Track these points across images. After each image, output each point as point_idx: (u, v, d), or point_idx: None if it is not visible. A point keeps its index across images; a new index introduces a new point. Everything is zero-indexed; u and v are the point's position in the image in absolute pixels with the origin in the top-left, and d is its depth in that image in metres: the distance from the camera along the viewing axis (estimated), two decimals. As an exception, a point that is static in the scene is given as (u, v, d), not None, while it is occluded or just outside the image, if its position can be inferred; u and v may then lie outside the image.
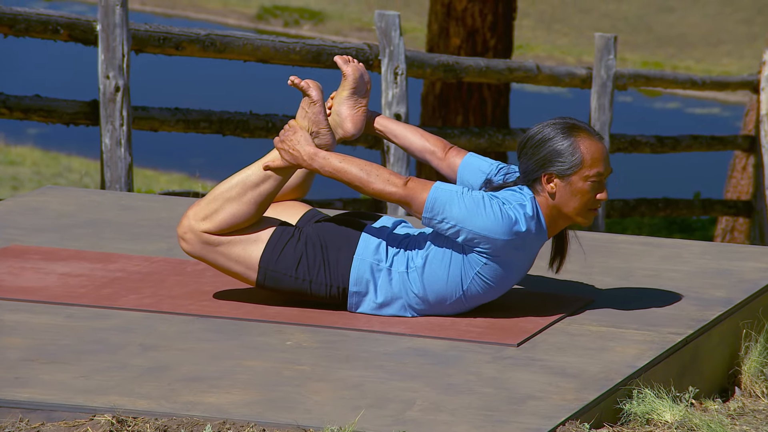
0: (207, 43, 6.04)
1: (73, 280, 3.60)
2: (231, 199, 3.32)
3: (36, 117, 5.74)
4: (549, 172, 3.27)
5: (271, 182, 3.34)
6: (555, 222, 3.32)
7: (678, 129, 11.35)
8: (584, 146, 3.26)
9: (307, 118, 3.36)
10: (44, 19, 5.62)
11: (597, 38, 7.76)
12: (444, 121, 10.11)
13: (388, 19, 6.63)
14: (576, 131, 3.28)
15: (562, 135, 3.27)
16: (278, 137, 3.35)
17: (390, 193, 3.26)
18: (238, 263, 3.36)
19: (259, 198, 3.33)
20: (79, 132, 6.49)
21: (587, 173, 3.26)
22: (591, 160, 3.26)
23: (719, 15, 24.37)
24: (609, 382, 2.99)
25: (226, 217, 3.32)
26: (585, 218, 3.30)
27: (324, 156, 3.30)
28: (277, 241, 3.34)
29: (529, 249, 3.29)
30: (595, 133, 3.30)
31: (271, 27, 23.82)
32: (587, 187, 3.27)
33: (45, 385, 2.89)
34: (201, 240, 3.35)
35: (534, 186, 3.30)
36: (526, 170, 3.30)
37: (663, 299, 3.56)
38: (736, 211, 9.30)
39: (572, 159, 3.25)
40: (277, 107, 7.89)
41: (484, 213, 3.22)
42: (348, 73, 3.50)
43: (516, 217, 3.24)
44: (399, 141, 3.56)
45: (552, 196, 3.27)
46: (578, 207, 3.28)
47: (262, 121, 6.39)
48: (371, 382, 2.96)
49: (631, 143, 8.16)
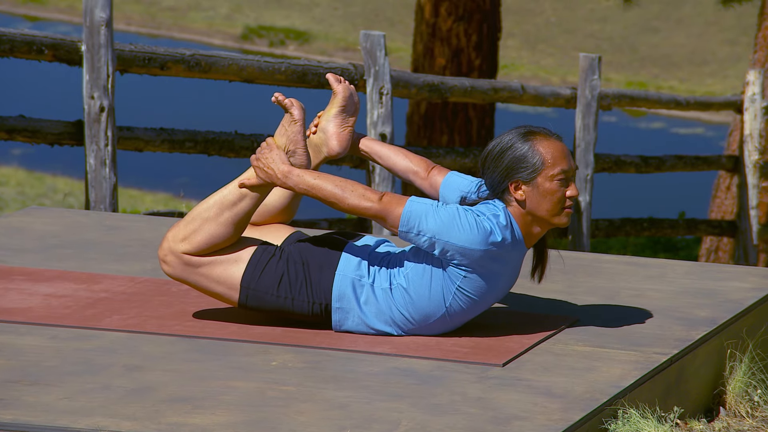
0: (192, 63, 6.04)
1: (57, 300, 3.59)
2: (208, 219, 3.32)
3: (20, 137, 5.73)
4: (514, 179, 3.29)
5: (247, 201, 3.34)
6: (531, 230, 3.33)
7: (662, 149, 11.39)
8: (543, 147, 3.29)
9: (285, 135, 3.37)
10: (29, 39, 5.62)
11: (581, 58, 7.78)
12: (429, 141, 10.12)
13: (374, 39, 6.64)
14: (532, 135, 3.31)
15: (519, 141, 3.30)
16: (254, 155, 3.35)
17: (365, 208, 3.26)
18: (219, 284, 3.35)
19: (236, 217, 3.33)
20: (63, 152, 6.48)
21: (551, 173, 3.29)
22: (552, 159, 3.29)
23: (703, 35, 24.48)
24: (594, 402, 2.99)
25: (204, 238, 3.32)
26: (560, 218, 3.32)
27: (298, 174, 3.31)
28: (258, 261, 3.34)
29: (508, 260, 3.29)
30: (551, 134, 3.33)
31: (256, 47, 23.84)
32: (555, 187, 3.29)
33: (29, 406, 2.88)
34: (182, 262, 3.34)
35: (504, 197, 3.32)
36: (493, 183, 3.32)
37: (648, 319, 3.56)
38: (720, 231, 9.33)
39: (534, 162, 3.28)
40: (263, 127, 7.89)
41: (460, 224, 3.23)
42: (338, 91, 3.52)
43: (491, 228, 3.25)
44: (383, 162, 3.58)
45: (522, 203, 3.30)
46: (551, 208, 3.30)
47: (247, 141, 6.39)
48: (357, 402, 2.95)
49: (615, 163, 8.18)
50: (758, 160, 9.09)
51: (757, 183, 9.12)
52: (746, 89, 9.09)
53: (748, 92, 9.07)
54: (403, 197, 3.29)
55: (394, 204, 3.26)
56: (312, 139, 3.55)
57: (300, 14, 25.57)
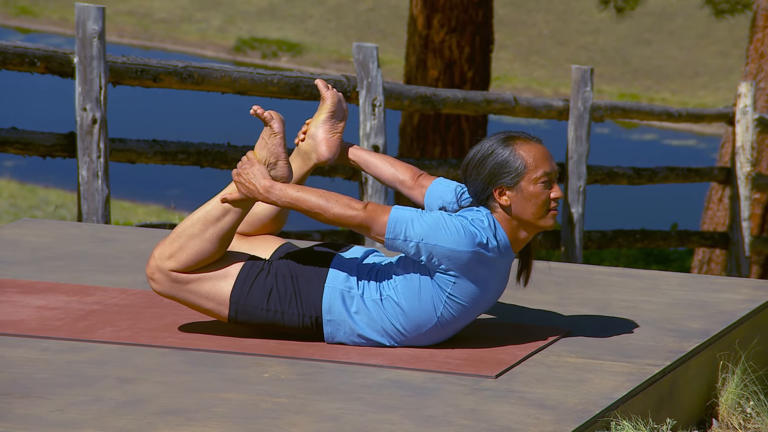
0: (185, 75, 6.04)
1: (49, 312, 3.58)
2: (193, 235, 3.33)
3: (12, 149, 5.73)
4: (498, 185, 3.30)
5: (231, 216, 3.34)
6: (517, 234, 3.33)
7: (654, 160, 11.41)
8: (524, 151, 3.30)
9: (266, 148, 3.37)
10: (21, 51, 5.62)
11: (574, 70, 7.80)
12: (422, 153, 10.13)
13: (366, 51, 6.65)
14: (512, 139, 3.32)
15: (500, 147, 3.30)
16: (236, 170, 3.35)
17: (350, 218, 3.26)
18: (209, 300, 3.36)
19: (220, 232, 3.33)
20: (56, 164, 6.48)
21: (534, 176, 3.29)
22: (534, 162, 3.29)
23: (695, 48, 24.54)
24: (587, 414, 2.99)
25: (190, 254, 3.33)
26: (546, 220, 3.32)
27: (280, 188, 3.31)
28: (247, 276, 3.34)
29: (495, 265, 3.29)
30: (531, 137, 3.34)
31: (249, 59, 23.86)
32: (539, 189, 3.29)
33: (20, 419, 2.87)
34: (169, 279, 3.35)
35: (488, 204, 3.32)
36: (476, 191, 3.33)
37: (640, 330, 3.57)
38: (712, 243, 9.34)
39: (516, 166, 3.28)
40: (255, 139, 7.88)
41: (446, 228, 3.24)
42: (327, 97, 3.53)
43: (476, 232, 3.26)
44: (371, 171, 3.58)
45: (507, 209, 3.30)
46: (536, 211, 3.30)
47: (239, 153, 6.38)
48: (349, 414, 2.95)
49: (608, 175, 8.19)
50: (750, 172, 9.10)
51: (749, 195, 9.13)
52: (738, 101, 9.11)
53: (739, 104, 9.09)
54: (386, 206, 3.30)
55: (378, 212, 3.26)
56: (301, 146, 3.55)
57: (293, 26, 25.60)
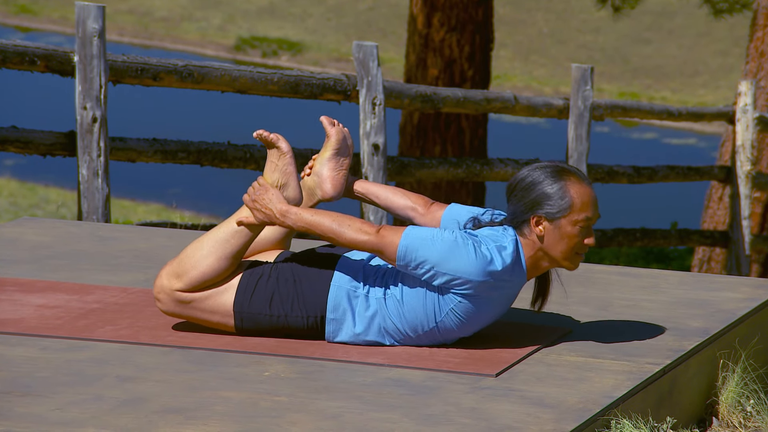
0: (185, 73, 6.04)
1: (49, 311, 3.58)
2: (202, 257, 3.34)
3: (12, 148, 5.73)
4: (538, 214, 3.27)
5: (241, 238, 3.35)
6: (537, 264, 3.32)
7: (655, 159, 11.41)
8: (574, 190, 3.27)
9: (277, 170, 3.38)
10: (21, 50, 5.62)
11: (574, 69, 7.80)
12: (422, 152, 10.13)
13: (366, 50, 6.65)
14: (566, 175, 3.29)
15: (552, 178, 3.28)
16: (248, 196, 3.35)
17: (363, 242, 3.27)
18: (213, 314, 3.38)
19: (230, 254, 3.35)
20: (56, 163, 6.48)
21: (576, 218, 3.27)
22: (581, 204, 3.27)
23: (695, 46, 24.54)
24: (587, 413, 2.99)
25: (197, 275, 3.35)
26: (571, 262, 3.31)
27: (296, 212, 3.32)
28: (247, 284, 3.36)
29: (507, 289, 3.29)
30: (584, 178, 3.31)
31: (249, 58, 23.86)
32: (575, 232, 3.27)
33: (20, 417, 2.87)
34: (174, 299, 3.37)
35: (521, 228, 3.30)
36: (515, 212, 3.30)
37: (640, 329, 3.57)
38: (712, 242, 9.34)
39: (562, 202, 3.26)
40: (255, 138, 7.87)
41: (458, 254, 3.23)
42: (331, 134, 3.51)
43: (491, 257, 3.24)
44: (381, 202, 3.56)
45: (540, 239, 3.28)
46: (566, 251, 3.29)
47: (240, 152, 6.39)
48: (349, 412, 2.95)
49: (608, 173, 8.19)
50: (750, 171, 9.11)
51: (749, 193, 9.13)
52: (738, 100, 9.11)
53: (740, 103, 9.09)
54: (399, 228, 3.28)
55: (390, 237, 3.25)
56: (306, 181, 3.54)
57: (293, 25, 25.60)
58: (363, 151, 6.69)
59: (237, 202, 3.62)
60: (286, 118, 19.98)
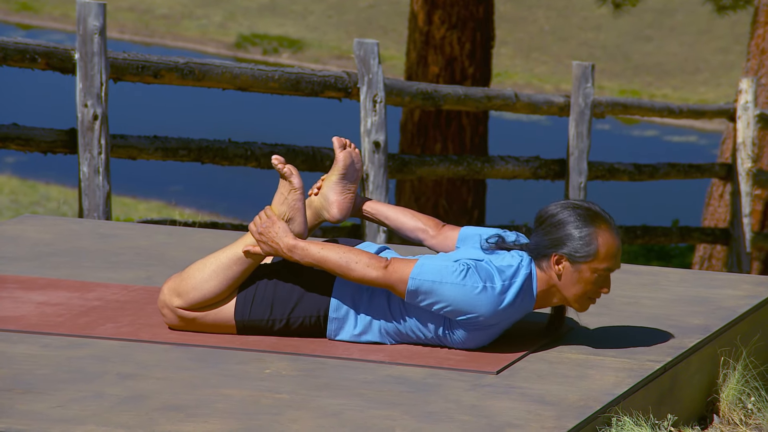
0: (186, 71, 6.04)
1: (50, 309, 3.58)
2: (203, 279, 3.35)
3: (14, 145, 5.73)
4: (560, 253, 3.26)
5: (243, 264, 3.36)
6: (548, 298, 3.32)
7: (655, 157, 11.40)
8: (602, 239, 3.25)
9: (286, 204, 3.37)
10: (22, 47, 5.62)
11: (575, 66, 7.79)
12: (423, 149, 10.12)
13: (367, 47, 6.64)
14: (597, 222, 3.26)
15: (582, 222, 3.25)
16: (254, 227, 3.34)
17: (372, 279, 3.26)
18: (215, 326, 3.40)
19: (231, 279, 3.36)
20: (57, 160, 6.48)
21: (597, 266, 3.26)
22: (605, 254, 3.26)
23: (696, 44, 24.53)
24: (588, 410, 2.99)
25: (197, 296, 3.37)
26: (581, 305, 3.31)
27: (303, 246, 3.31)
28: (246, 294, 3.37)
29: (512, 317, 3.30)
30: (614, 227, 3.28)
31: (250, 55, 23.85)
32: (593, 279, 3.26)
33: (21, 414, 2.87)
34: (176, 315, 3.40)
35: (540, 260, 3.28)
36: (538, 244, 3.29)
37: (641, 327, 3.57)
38: (713, 239, 9.34)
39: (587, 248, 3.24)
40: (256, 135, 7.89)
41: (469, 293, 3.22)
42: (339, 159, 3.49)
43: (500, 288, 3.23)
44: (390, 222, 3.54)
45: (557, 276, 3.27)
46: (579, 294, 3.28)
47: (240, 149, 6.39)
48: (350, 410, 2.95)
49: (609, 171, 8.19)
50: (751, 168, 9.10)
51: (750, 191, 9.13)
52: (739, 97, 9.11)
53: (740, 100, 9.09)
54: (408, 262, 3.26)
55: (399, 272, 3.24)
56: (312, 200, 3.52)
57: (293, 22, 25.59)
58: (364, 148, 6.69)
59: (237, 199, 3.61)
60: (287, 115, 19.98)
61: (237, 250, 3.36)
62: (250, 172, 7.42)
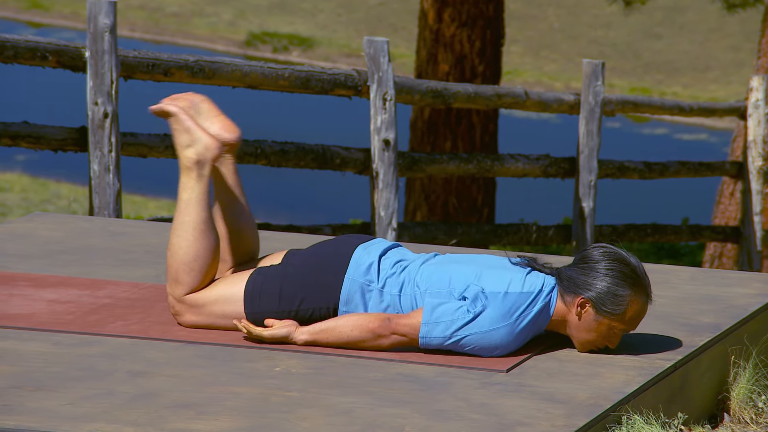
0: (196, 69, 6.04)
1: (60, 306, 3.59)
2: (182, 252, 3.35)
3: (24, 143, 5.74)
4: (589, 298, 3.26)
5: (198, 204, 3.36)
6: (560, 327, 3.33)
7: (666, 155, 11.38)
8: (634, 306, 3.27)
9: (181, 132, 3.40)
10: (32, 45, 5.62)
11: (585, 64, 7.78)
12: (433, 147, 10.12)
13: (377, 45, 6.64)
14: (636, 288, 3.26)
15: (623, 281, 3.25)
16: (247, 334, 3.31)
17: (393, 343, 3.27)
18: (227, 318, 3.39)
19: (199, 224, 3.35)
20: (67, 158, 6.48)
21: (617, 324, 3.27)
22: (629, 319, 3.28)
23: (707, 41, 24.49)
24: (598, 408, 2.99)
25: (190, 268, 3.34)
26: (583, 349, 3.33)
27: (301, 332, 3.30)
28: (253, 288, 3.36)
29: (521, 337, 3.29)
30: (649, 295, 3.29)
31: (260, 53, 23.86)
32: (607, 333, 3.28)
33: (32, 412, 2.88)
34: (187, 306, 3.38)
35: (565, 293, 3.28)
36: (570, 278, 3.28)
37: (651, 325, 3.56)
38: (724, 237, 9.32)
39: (616, 307, 3.25)
40: (266, 133, 7.89)
41: (482, 336, 3.23)
42: (176, 111, 3.45)
43: (515, 321, 3.24)
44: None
45: (577, 316, 3.28)
46: (588, 340, 3.30)
47: (251, 147, 6.39)
48: (360, 408, 2.95)
49: (619, 169, 8.18)
50: (762, 166, 9.08)
51: (761, 189, 9.11)
52: (750, 95, 9.09)
53: (751, 98, 9.07)
54: (411, 319, 3.25)
55: (410, 326, 3.24)
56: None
57: (303, 20, 25.60)
58: (374, 146, 6.69)
59: (247, 196, 3.61)
60: (297, 113, 19.98)
61: (182, 199, 3.36)
62: (260, 170, 7.41)
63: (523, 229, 7.78)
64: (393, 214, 6.73)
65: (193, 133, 3.43)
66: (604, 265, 3.27)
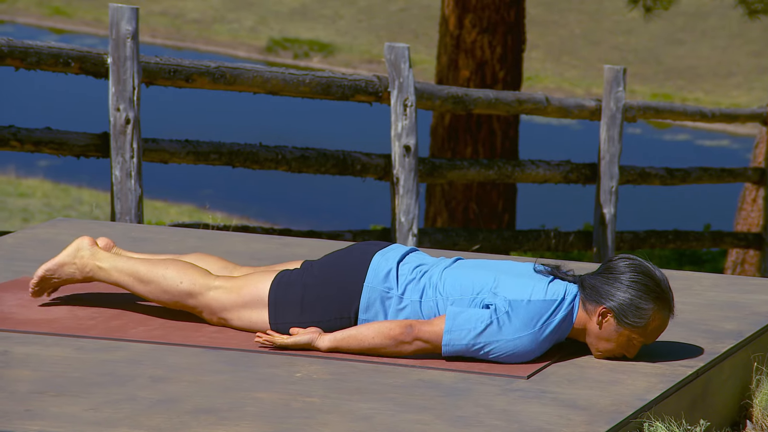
0: (217, 75, 6.06)
1: (82, 312, 3.60)
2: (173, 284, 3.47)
3: (47, 149, 5.76)
4: (611, 309, 3.26)
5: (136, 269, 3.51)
6: (579, 334, 3.33)
7: (688, 161, 11.35)
8: (655, 319, 3.27)
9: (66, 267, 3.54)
10: (55, 52, 5.65)
11: (606, 70, 7.77)
12: (453, 153, 10.12)
13: (398, 51, 6.65)
14: (660, 303, 3.26)
15: (647, 295, 3.25)
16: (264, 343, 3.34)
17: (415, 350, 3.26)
18: (253, 326, 3.43)
19: None
20: (89, 164, 6.51)
21: (637, 336, 3.27)
22: (650, 332, 3.28)
23: (729, 47, 24.42)
24: (619, 415, 2.98)
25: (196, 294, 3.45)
26: (601, 356, 3.32)
27: (324, 338, 3.31)
28: (276, 298, 3.38)
29: (542, 346, 3.29)
30: (672, 310, 3.29)
31: (281, 59, 23.90)
32: (626, 344, 3.28)
33: (55, 417, 2.89)
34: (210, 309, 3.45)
35: (587, 301, 3.28)
36: (594, 287, 3.28)
37: (673, 331, 3.55)
38: (746, 244, 9.29)
39: (638, 320, 3.25)
40: (287, 139, 7.90)
41: (505, 344, 3.23)
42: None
43: (539, 330, 3.24)
44: None
45: (597, 325, 3.28)
46: (606, 349, 3.30)
47: (272, 153, 6.40)
48: (381, 414, 2.95)
49: (640, 175, 8.16)
50: (784, 173, 9.04)
51: (783, 195, 9.08)
52: (772, 101, 9.05)
53: (773, 104, 9.03)
54: (434, 326, 3.25)
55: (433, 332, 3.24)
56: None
57: (324, 26, 25.63)
58: (394, 152, 6.69)
59: (268, 203, 3.62)
60: (318, 118, 20.01)
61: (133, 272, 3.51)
62: (281, 176, 7.42)
63: (543, 235, 7.77)
64: (414, 220, 6.73)
65: (56, 261, 3.56)
66: (629, 276, 3.26)
